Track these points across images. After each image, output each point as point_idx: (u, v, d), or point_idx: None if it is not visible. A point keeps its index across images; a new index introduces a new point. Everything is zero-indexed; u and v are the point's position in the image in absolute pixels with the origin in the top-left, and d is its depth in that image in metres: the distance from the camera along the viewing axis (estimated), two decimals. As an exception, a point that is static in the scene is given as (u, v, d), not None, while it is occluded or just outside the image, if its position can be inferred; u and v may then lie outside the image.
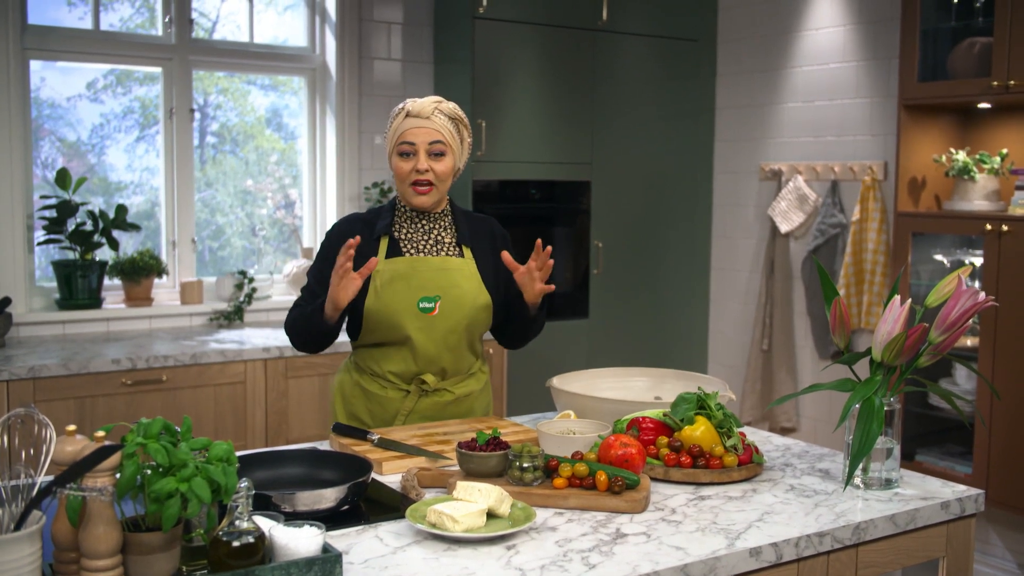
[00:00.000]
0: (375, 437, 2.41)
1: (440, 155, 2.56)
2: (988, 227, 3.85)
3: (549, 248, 2.50)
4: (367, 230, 2.63)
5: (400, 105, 2.60)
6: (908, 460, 4.18)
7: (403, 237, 2.63)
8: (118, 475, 1.52)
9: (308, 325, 2.55)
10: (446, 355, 2.63)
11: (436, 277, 2.59)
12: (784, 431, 5.04)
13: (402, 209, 2.66)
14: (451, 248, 2.66)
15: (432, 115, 2.55)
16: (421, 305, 2.57)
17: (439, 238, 2.65)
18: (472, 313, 2.62)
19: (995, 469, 3.86)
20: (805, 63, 4.92)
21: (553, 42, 4.84)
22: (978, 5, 4.01)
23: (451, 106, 2.61)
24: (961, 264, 4.12)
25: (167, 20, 4.47)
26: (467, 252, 2.66)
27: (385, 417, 2.65)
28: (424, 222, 2.65)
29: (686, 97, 5.32)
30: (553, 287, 2.57)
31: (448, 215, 2.69)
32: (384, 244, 2.61)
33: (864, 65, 4.65)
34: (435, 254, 2.63)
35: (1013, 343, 3.79)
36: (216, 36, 4.68)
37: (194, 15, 4.53)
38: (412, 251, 2.62)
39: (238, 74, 4.76)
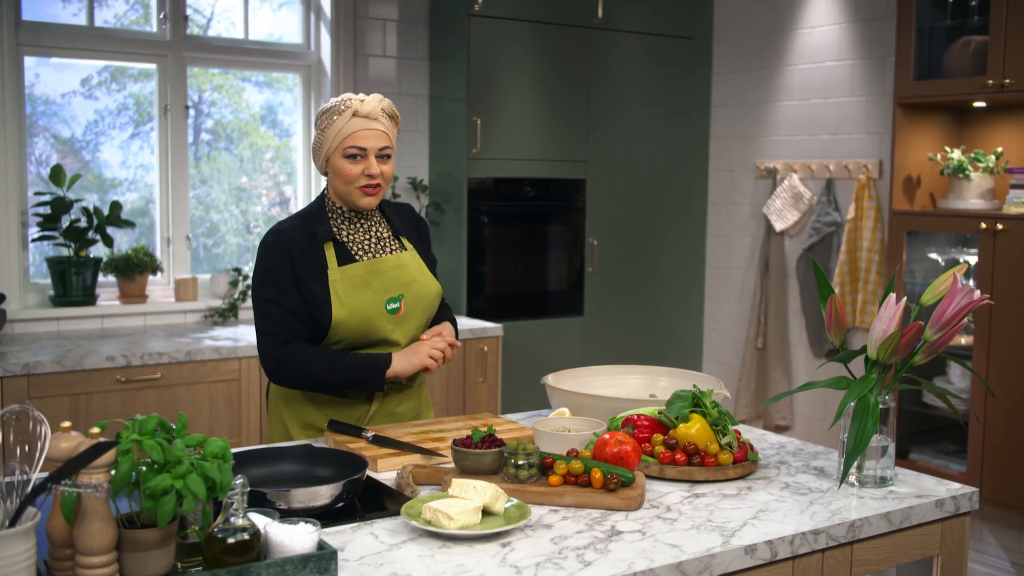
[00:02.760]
0: (370, 434, 2.41)
1: (387, 158, 2.52)
2: (983, 226, 3.85)
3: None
4: (306, 238, 2.51)
5: (342, 101, 2.48)
6: (902, 458, 4.19)
7: (347, 239, 2.56)
8: (113, 472, 1.52)
9: (348, 378, 2.50)
10: None
11: (396, 276, 2.56)
12: (779, 429, 5.05)
13: (337, 211, 2.57)
14: (391, 242, 2.63)
15: (379, 117, 2.49)
16: (389, 307, 2.54)
17: (379, 234, 2.61)
18: (431, 304, 2.63)
19: (989, 467, 3.87)
20: (800, 61, 4.92)
21: (549, 40, 4.84)
22: (974, 4, 4.02)
23: (390, 104, 2.54)
24: (956, 263, 4.12)
25: (162, 16, 4.46)
26: (407, 243, 2.65)
27: (347, 420, 2.59)
28: (361, 221, 2.59)
29: (681, 95, 5.32)
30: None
31: (377, 210, 2.65)
32: (331, 250, 2.52)
33: (859, 63, 4.65)
34: (383, 252, 2.59)
35: (1008, 341, 3.79)
36: (211, 33, 4.67)
37: (189, 12, 4.52)
38: (361, 254, 2.56)
39: (233, 71, 4.76)
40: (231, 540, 1.55)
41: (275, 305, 2.48)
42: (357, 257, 2.55)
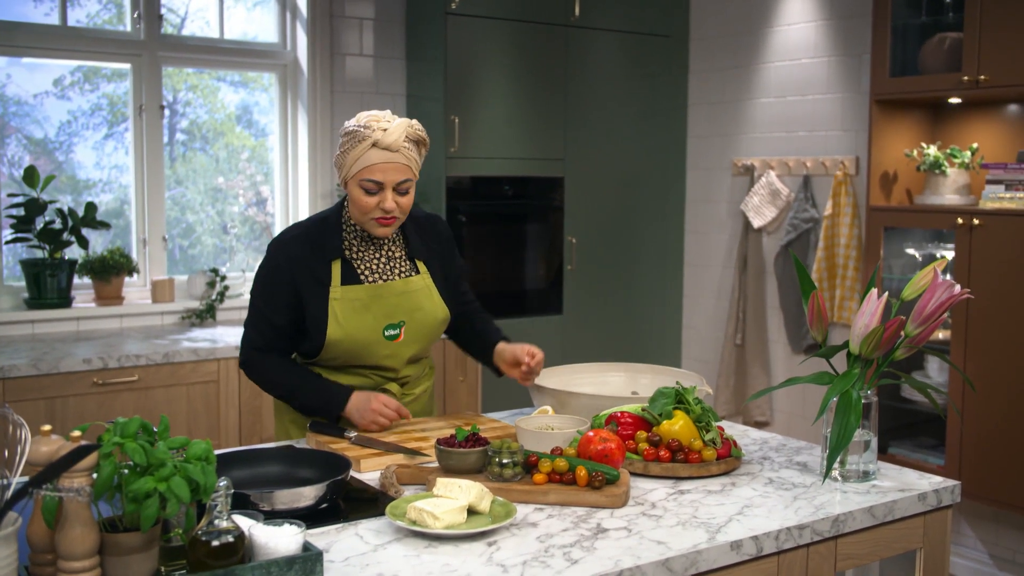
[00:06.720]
0: (352, 435, 2.40)
1: (406, 191, 2.41)
2: (959, 221, 3.88)
3: (539, 358, 2.55)
4: (313, 252, 2.47)
5: (365, 127, 2.36)
6: (882, 452, 4.21)
7: (356, 257, 2.49)
8: (95, 475, 1.50)
9: (308, 403, 2.50)
10: (409, 369, 2.62)
11: (400, 302, 2.49)
12: (758, 425, 5.06)
13: (352, 227, 2.50)
14: (403, 263, 2.54)
15: (401, 148, 2.36)
16: (387, 333, 2.49)
17: (391, 254, 2.53)
18: (435, 331, 2.59)
19: (967, 461, 3.89)
20: (777, 59, 4.94)
21: (525, 38, 4.83)
22: (948, 1, 4.04)
23: (415, 130, 2.41)
24: (933, 258, 4.15)
25: (136, 16, 4.42)
26: (421, 266, 2.56)
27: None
28: (374, 239, 2.51)
29: (658, 93, 5.33)
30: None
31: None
32: (337, 267, 2.47)
33: (835, 60, 4.68)
34: (392, 275, 2.51)
35: (984, 336, 3.82)
36: (185, 32, 4.63)
37: (163, 11, 4.48)
38: (368, 274, 2.49)
39: (208, 70, 4.72)
40: (215, 543, 1.54)
41: (261, 315, 2.49)
42: (362, 278, 2.49)
